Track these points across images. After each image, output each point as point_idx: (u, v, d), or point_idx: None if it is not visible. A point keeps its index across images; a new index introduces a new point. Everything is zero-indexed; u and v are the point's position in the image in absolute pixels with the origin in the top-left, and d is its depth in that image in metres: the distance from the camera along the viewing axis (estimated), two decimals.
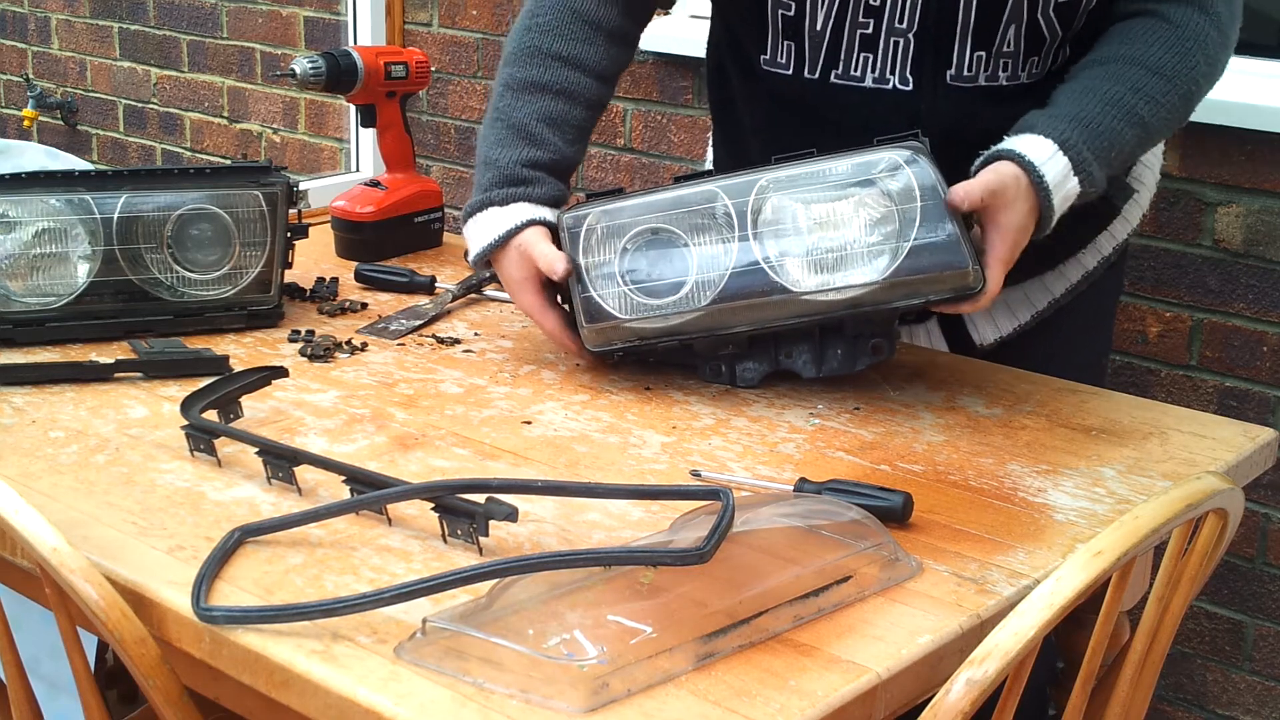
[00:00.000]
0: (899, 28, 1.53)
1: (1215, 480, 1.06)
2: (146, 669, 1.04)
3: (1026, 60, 1.54)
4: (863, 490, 1.23)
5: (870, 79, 1.56)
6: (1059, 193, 1.42)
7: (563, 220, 1.51)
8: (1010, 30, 1.51)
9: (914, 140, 1.44)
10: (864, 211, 1.43)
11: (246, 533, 1.15)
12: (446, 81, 3.01)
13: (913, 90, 1.55)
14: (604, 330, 1.49)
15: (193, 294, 1.65)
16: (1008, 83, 1.55)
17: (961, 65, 1.54)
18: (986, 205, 1.40)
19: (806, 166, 1.46)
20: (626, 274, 1.48)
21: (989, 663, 0.92)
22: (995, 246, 1.41)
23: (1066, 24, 1.52)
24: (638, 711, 0.95)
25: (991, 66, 1.53)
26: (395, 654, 1.00)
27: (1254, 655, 2.21)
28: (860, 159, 1.45)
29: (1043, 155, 1.41)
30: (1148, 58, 1.47)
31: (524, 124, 1.59)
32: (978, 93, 1.55)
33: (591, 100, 1.63)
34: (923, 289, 1.43)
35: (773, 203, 1.45)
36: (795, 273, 1.45)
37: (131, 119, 3.82)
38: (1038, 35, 1.52)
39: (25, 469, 1.28)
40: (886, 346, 1.50)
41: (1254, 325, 2.12)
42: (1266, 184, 2.07)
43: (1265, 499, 2.14)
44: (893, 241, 1.42)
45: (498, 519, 1.13)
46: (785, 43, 1.60)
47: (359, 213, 1.96)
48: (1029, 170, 1.41)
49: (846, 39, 1.56)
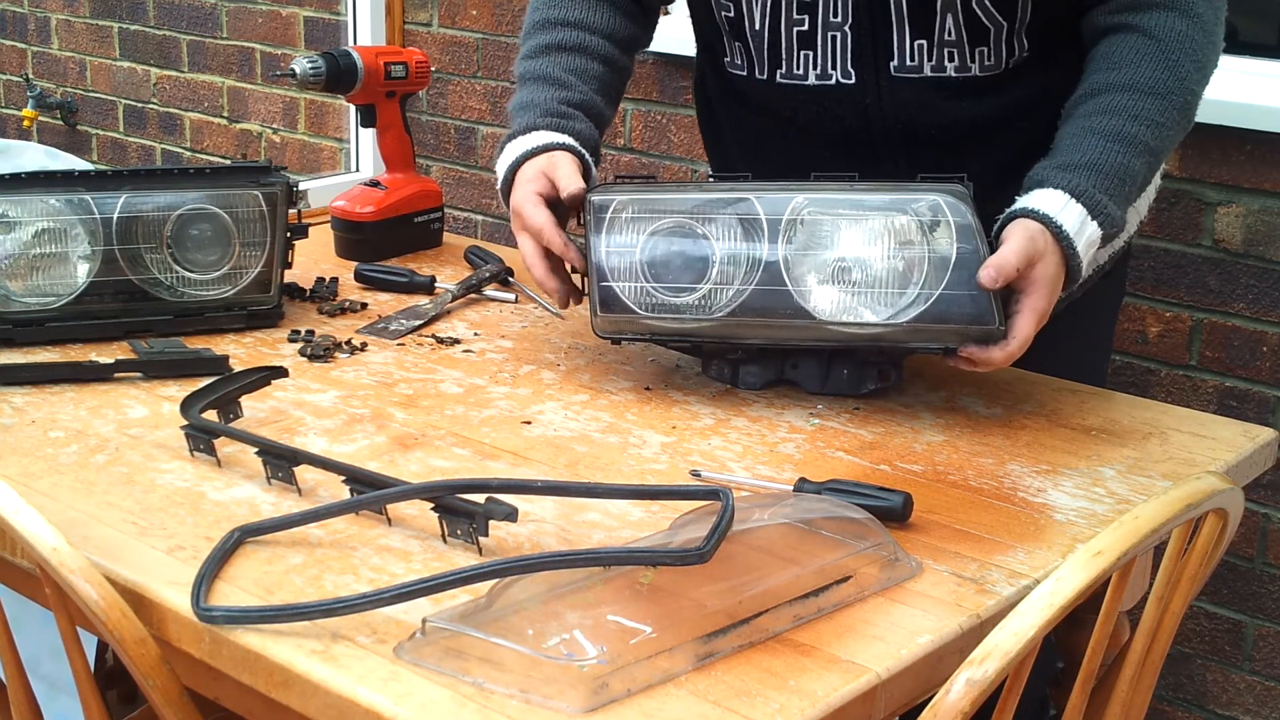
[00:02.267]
0: (834, 22, 1.52)
1: (1215, 480, 1.06)
2: (146, 669, 1.04)
3: (974, 50, 1.52)
4: (863, 490, 1.23)
5: (813, 76, 1.56)
6: (1081, 240, 1.40)
7: (590, 200, 1.49)
8: (948, 19, 1.50)
9: (958, 184, 1.41)
10: (898, 250, 1.41)
11: (246, 533, 1.15)
12: (446, 81, 3.01)
13: (856, 84, 1.55)
14: (617, 321, 1.49)
15: (193, 294, 1.65)
16: (957, 74, 1.53)
17: (903, 56, 1.52)
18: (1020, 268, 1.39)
19: (846, 193, 1.43)
20: (646, 265, 1.46)
21: (989, 663, 0.92)
22: (1030, 298, 1.39)
23: (1008, 14, 1.50)
24: (638, 711, 0.95)
25: (936, 56, 1.52)
26: (395, 654, 1.00)
27: (1254, 655, 2.21)
28: (900, 195, 1.42)
29: (1056, 207, 1.40)
30: (1138, 81, 1.45)
31: (550, 74, 1.62)
32: (926, 84, 1.53)
33: (605, 56, 1.65)
34: (945, 338, 1.42)
35: (807, 223, 1.44)
36: (820, 300, 1.43)
37: (131, 119, 3.82)
38: (978, 25, 1.50)
39: (25, 469, 1.28)
40: (894, 375, 1.50)
41: (1254, 325, 2.12)
42: (1266, 184, 2.07)
43: (1265, 499, 2.14)
44: (922, 286, 1.41)
45: (498, 519, 1.13)
46: (735, 44, 1.62)
47: (359, 213, 1.96)
48: (1047, 223, 1.39)
49: (784, 38, 1.56)
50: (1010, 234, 1.39)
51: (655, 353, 1.63)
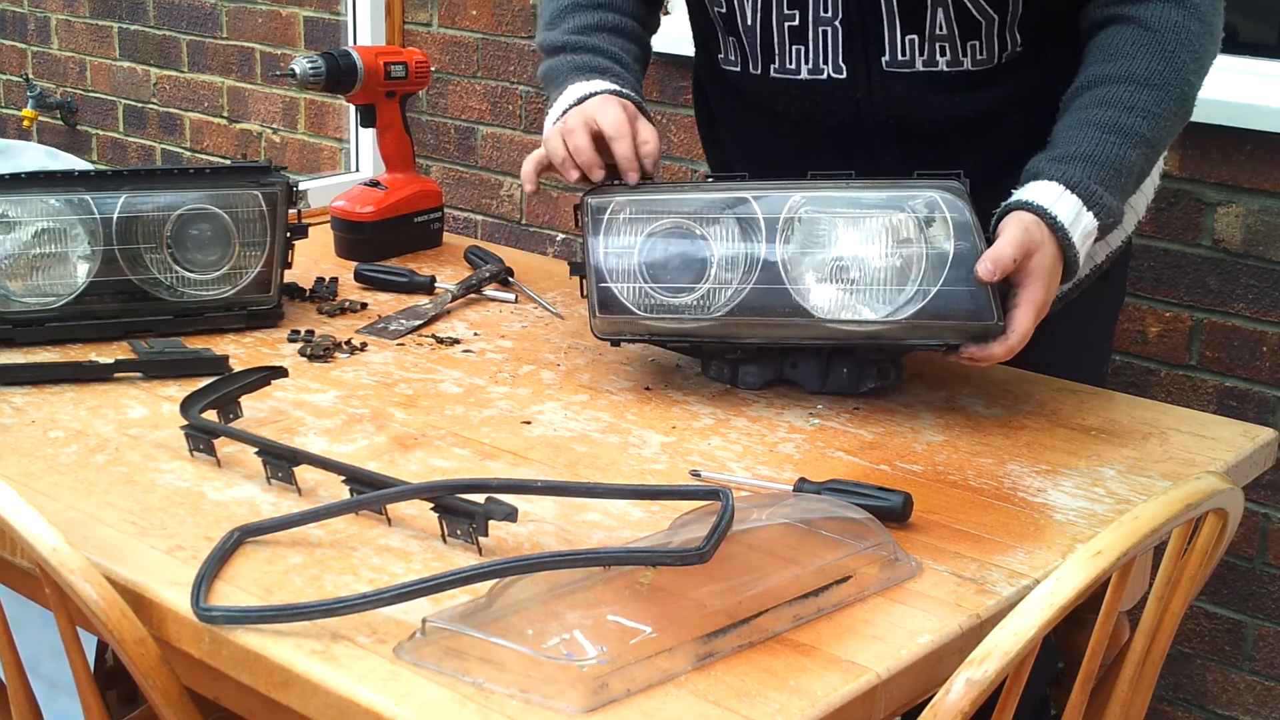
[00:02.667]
0: (824, 17, 1.53)
1: (1215, 480, 1.06)
2: (146, 669, 1.04)
3: (965, 45, 1.52)
4: (863, 490, 1.23)
5: (805, 71, 1.56)
6: (1076, 231, 1.40)
7: (587, 201, 1.49)
8: (939, 13, 1.50)
9: (955, 181, 1.41)
10: (895, 247, 1.41)
11: (246, 533, 1.15)
12: (446, 81, 3.01)
13: (848, 78, 1.55)
14: (616, 322, 1.49)
15: (192, 294, 1.65)
16: (949, 69, 1.53)
17: (895, 50, 1.53)
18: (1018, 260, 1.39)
19: (843, 191, 1.44)
20: (644, 266, 1.46)
21: (989, 663, 0.92)
22: (1027, 290, 1.39)
23: (999, 8, 1.50)
24: (637, 711, 0.95)
25: (927, 51, 1.52)
26: (395, 654, 1.00)
27: (1254, 655, 2.21)
28: (897, 192, 1.42)
29: (1051, 198, 1.40)
30: (1134, 72, 1.45)
31: (583, 42, 1.62)
32: (918, 79, 1.53)
33: (641, 40, 1.66)
34: (944, 334, 1.42)
35: (804, 221, 1.44)
36: (819, 298, 1.44)
37: (131, 119, 3.82)
38: (969, 19, 1.50)
39: (25, 469, 1.28)
40: (893, 373, 1.50)
41: (1254, 325, 2.12)
42: (1266, 184, 2.07)
43: (1265, 499, 2.14)
44: (920, 283, 1.41)
45: (497, 519, 1.13)
46: (729, 39, 1.62)
47: (359, 213, 1.96)
48: (1041, 214, 1.40)
49: (776, 32, 1.56)
50: (1005, 227, 1.39)
51: (655, 353, 1.63)
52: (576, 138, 1.48)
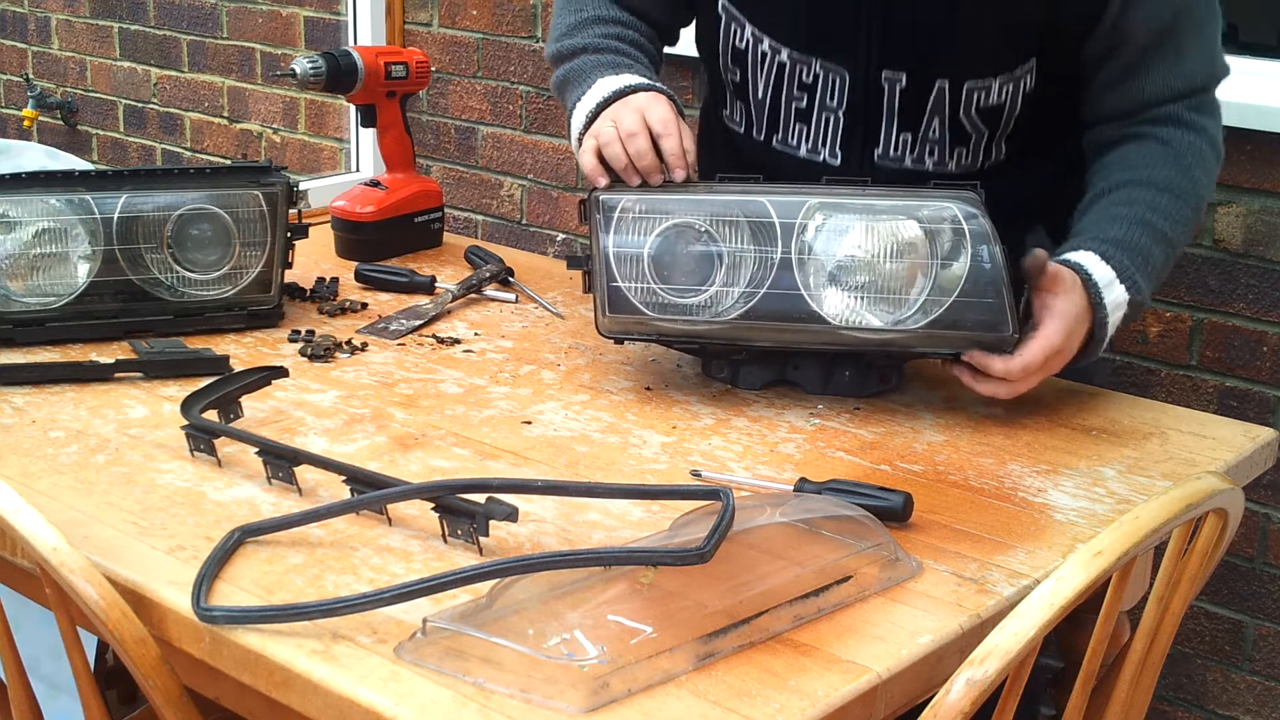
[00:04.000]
0: (830, 104, 1.57)
1: (1215, 480, 1.06)
2: (146, 669, 1.04)
3: (954, 150, 1.57)
4: (863, 490, 1.23)
5: (804, 149, 1.61)
6: (1109, 294, 1.44)
7: (596, 198, 1.48)
8: (935, 120, 1.55)
9: (971, 191, 1.42)
10: (909, 254, 1.42)
11: (246, 533, 1.15)
12: (446, 81, 3.01)
13: (841, 165, 1.59)
14: (624, 321, 1.48)
15: (193, 294, 1.65)
16: (934, 169, 1.58)
17: (889, 146, 1.57)
18: (1044, 287, 1.41)
19: (858, 198, 1.44)
20: (653, 265, 1.46)
21: (989, 663, 0.92)
22: (1045, 325, 1.41)
23: (992, 125, 1.56)
24: (638, 711, 0.95)
25: (918, 150, 1.57)
26: (395, 654, 1.00)
27: (1254, 655, 2.21)
28: (913, 200, 1.43)
29: (1088, 261, 1.44)
30: (1154, 179, 1.50)
31: (606, 44, 1.63)
32: (906, 174, 1.57)
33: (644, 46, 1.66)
34: (957, 344, 1.43)
35: (819, 226, 1.44)
36: (833, 304, 1.44)
37: (131, 119, 3.82)
38: (961, 129, 1.56)
39: (25, 469, 1.28)
40: (895, 377, 1.50)
41: (1254, 325, 2.12)
42: (1266, 184, 2.07)
43: (1265, 499, 2.14)
44: (934, 292, 1.41)
45: (498, 519, 1.13)
46: (737, 102, 1.66)
47: (359, 213, 1.96)
48: (1077, 270, 1.43)
49: (784, 109, 1.61)
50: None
51: (655, 352, 1.63)
52: (639, 142, 1.46)
